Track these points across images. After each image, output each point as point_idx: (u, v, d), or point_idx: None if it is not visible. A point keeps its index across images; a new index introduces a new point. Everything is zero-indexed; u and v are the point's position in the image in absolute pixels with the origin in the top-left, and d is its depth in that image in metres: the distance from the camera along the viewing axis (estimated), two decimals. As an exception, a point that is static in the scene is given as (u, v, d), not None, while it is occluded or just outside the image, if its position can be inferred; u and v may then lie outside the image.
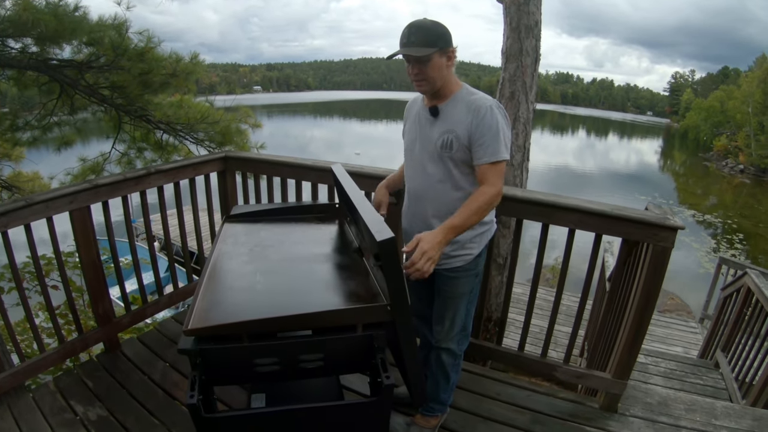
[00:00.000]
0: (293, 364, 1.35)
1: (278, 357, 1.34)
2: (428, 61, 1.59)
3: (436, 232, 1.52)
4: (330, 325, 1.33)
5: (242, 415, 1.38)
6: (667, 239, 1.88)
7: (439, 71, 1.62)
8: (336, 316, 1.31)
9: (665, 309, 10.07)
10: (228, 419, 1.33)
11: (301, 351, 1.35)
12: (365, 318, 1.32)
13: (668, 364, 4.24)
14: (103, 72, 3.83)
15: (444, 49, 1.60)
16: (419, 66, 1.61)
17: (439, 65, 1.61)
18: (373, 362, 1.34)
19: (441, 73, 1.63)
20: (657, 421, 2.20)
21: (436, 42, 1.58)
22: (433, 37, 1.58)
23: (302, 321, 1.28)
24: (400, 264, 1.25)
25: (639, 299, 2.01)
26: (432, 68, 1.61)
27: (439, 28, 1.60)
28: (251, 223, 2.02)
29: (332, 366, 1.41)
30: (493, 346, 2.54)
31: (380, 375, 1.29)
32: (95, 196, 2.58)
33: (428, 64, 1.60)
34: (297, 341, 1.34)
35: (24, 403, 2.36)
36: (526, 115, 3.42)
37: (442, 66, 1.62)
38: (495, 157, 1.59)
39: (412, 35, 1.57)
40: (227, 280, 1.54)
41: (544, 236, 2.24)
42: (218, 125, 4.27)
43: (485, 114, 1.59)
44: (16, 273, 2.42)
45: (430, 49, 1.57)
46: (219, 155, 3.20)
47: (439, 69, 1.62)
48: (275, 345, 1.32)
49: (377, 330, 1.33)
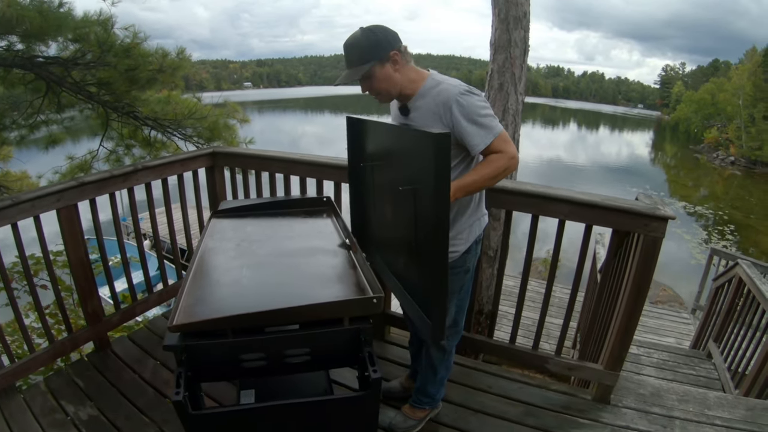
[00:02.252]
0: (280, 359, 1.34)
1: (264, 352, 1.32)
2: (371, 77, 1.57)
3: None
4: (316, 318, 1.32)
5: (228, 412, 1.37)
6: (658, 229, 1.88)
7: (387, 81, 1.59)
8: (322, 309, 1.29)
9: (657, 300, 10.16)
10: (214, 416, 1.32)
11: (287, 346, 1.33)
12: (352, 311, 1.31)
13: (661, 354, 4.28)
14: (90, 69, 3.79)
15: (383, 58, 1.56)
16: (368, 83, 1.59)
17: (385, 75, 1.58)
18: (361, 356, 1.33)
19: (391, 81, 1.59)
20: (650, 412, 2.21)
21: (372, 55, 1.54)
22: (367, 52, 1.54)
23: (287, 315, 1.26)
24: (448, 162, 1.27)
25: (630, 290, 2.01)
26: (378, 81, 1.58)
27: (371, 37, 1.55)
28: (238, 218, 2.01)
29: (320, 360, 1.40)
30: (484, 339, 2.54)
31: (368, 369, 1.28)
32: (82, 194, 2.55)
33: (373, 79, 1.57)
34: (282, 336, 1.32)
35: (15, 405, 2.34)
36: (515, 106, 3.41)
37: (389, 74, 1.58)
38: (491, 136, 1.54)
39: (349, 55, 1.56)
40: (213, 276, 1.53)
41: (534, 228, 2.23)
42: (206, 121, 4.24)
43: (458, 104, 1.54)
44: (4, 273, 2.39)
45: (367, 65, 1.54)
46: (207, 151, 3.16)
47: (386, 79, 1.58)
48: (260, 340, 1.31)
49: (364, 323, 1.32)
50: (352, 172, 2.02)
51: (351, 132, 1.92)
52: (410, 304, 1.60)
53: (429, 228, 1.33)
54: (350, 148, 1.97)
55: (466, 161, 1.67)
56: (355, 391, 1.39)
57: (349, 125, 1.91)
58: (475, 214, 1.78)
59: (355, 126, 1.88)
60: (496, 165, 1.56)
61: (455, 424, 2.13)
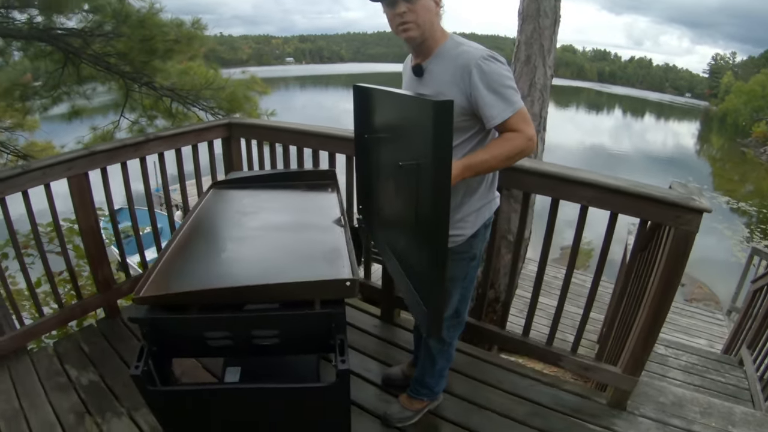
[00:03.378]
0: (246, 339, 1.25)
1: (229, 331, 1.24)
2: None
3: (456, 163, 1.34)
4: (285, 299, 1.22)
5: (185, 391, 1.33)
6: (692, 222, 1.67)
7: (427, 13, 1.41)
8: (289, 289, 1.19)
9: (692, 298, 9.73)
10: (172, 393, 1.26)
11: (253, 326, 1.24)
12: (322, 294, 1.20)
13: (690, 357, 4.02)
14: (109, 40, 3.78)
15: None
16: (408, 5, 1.39)
17: (429, 6, 1.41)
18: (331, 343, 1.22)
19: (430, 15, 1.42)
20: (668, 424, 2.02)
21: None
22: None
23: (252, 293, 1.18)
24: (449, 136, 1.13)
25: (657, 288, 1.81)
26: (422, 8, 1.40)
27: None
28: (238, 189, 1.94)
29: (290, 344, 1.30)
30: (496, 329, 2.40)
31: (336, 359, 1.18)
32: (92, 163, 2.55)
33: (417, 3, 1.39)
34: (247, 316, 1.23)
35: (22, 366, 2.39)
36: (543, 81, 3.15)
37: (431, 9, 1.42)
38: (510, 110, 1.38)
39: None
40: (194, 247, 1.46)
41: (554, 213, 2.04)
42: (224, 92, 4.18)
43: (479, 69, 1.37)
44: (15, 239, 2.42)
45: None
46: (223, 122, 3.12)
47: (428, 10, 1.41)
48: (225, 318, 1.22)
49: (337, 308, 1.21)
50: (358, 146, 1.89)
51: (357, 102, 1.79)
52: (409, 291, 1.48)
53: (427, 209, 1.19)
54: (356, 120, 1.84)
55: (480, 136, 1.51)
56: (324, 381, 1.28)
57: (355, 94, 1.78)
58: (486, 197, 1.62)
59: (361, 95, 1.75)
60: (512, 145, 1.40)
61: (456, 419, 2.01)
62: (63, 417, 2.05)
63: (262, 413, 1.32)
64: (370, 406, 2.06)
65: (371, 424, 1.98)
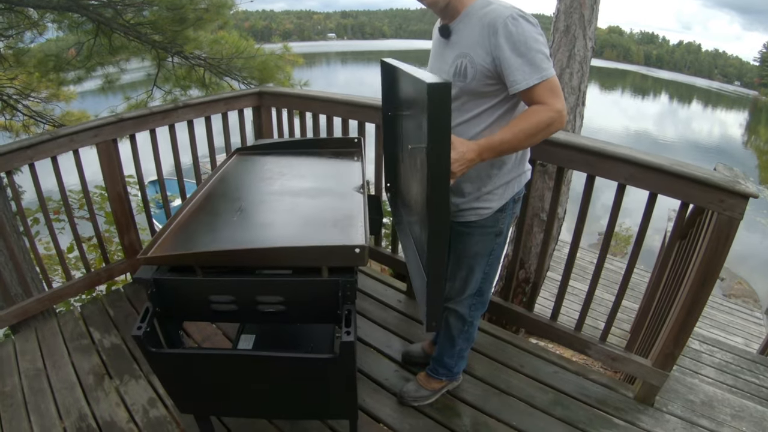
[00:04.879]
0: (251, 305, 1.21)
1: (234, 296, 1.20)
2: None
3: (471, 145, 1.26)
4: (290, 264, 1.17)
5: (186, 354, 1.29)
6: (736, 208, 1.53)
7: None
8: (295, 253, 1.14)
9: (731, 293, 9.35)
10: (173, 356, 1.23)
11: (258, 292, 1.20)
12: (329, 260, 1.14)
13: (724, 355, 3.83)
14: (140, 10, 3.77)
15: None
16: None
17: None
18: (339, 313, 1.17)
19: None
20: (696, 424, 1.89)
21: None
22: None
23: (257, 256, 1.13)
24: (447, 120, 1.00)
25: (695, 278, 1.68)
26: None
27: None
28: (262, 155, 1.91)
29: (297, 313, 1.25)
30: (523, 311, 2.30)
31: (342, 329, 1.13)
32: (121, 130, 2.58)
33: None
34: (252, 280, 1.19)
35: (49, 327, 2.46)
36: (583, 53, 2.95)
37: None
38: (537, 76, 1.25)
39: None
40: (208, 211, 1.43)
41: (589, 190, 1.90)
42: (255, 60, 4.14)
43: (506, 28, 1.26)
44: (44, 205, 2.48)
45: None
46: (254, 90, 3.11)
47: None
48: (229, 281, 1.18)
49: (347, 276, 1.15)
50: (385, 122, 1.82)
51: (383, 77, 1.72)
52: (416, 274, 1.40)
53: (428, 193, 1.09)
54: (383, 97, 1.77)
55: (506, 106, 1.40)
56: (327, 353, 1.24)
57: (382, 70, 1.70)
58: (517, 169, 1.52)
59: (385, 70, 1.67)
60: (537, 119, 1.27)
61: (474, 402, 1.94)
62: (83, 377, 2.10)
63: (266, 381, 1.29)
64: (388, 383, 2.03)
65: (387, 400, 1.94)
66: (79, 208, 3.97)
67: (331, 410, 1.48)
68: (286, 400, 1.35)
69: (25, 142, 2.27)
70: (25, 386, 2.06)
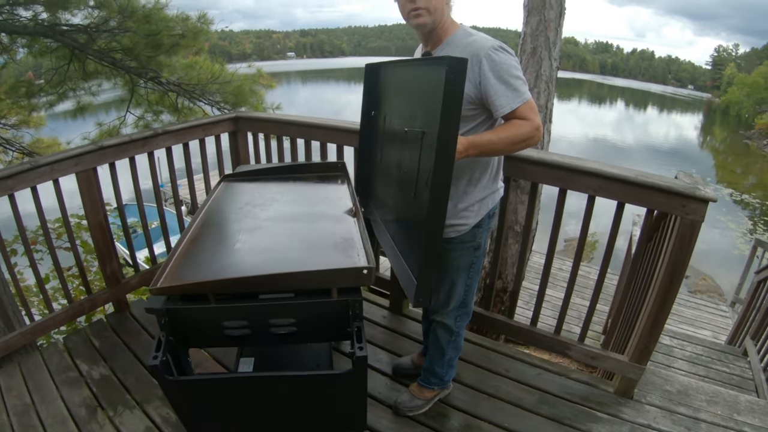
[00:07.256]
0: (264, 328, 1.27)
1: (247, 320, 1.25)
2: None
3: (461, 138, 1.35)
4: (301, 287, 1.23)
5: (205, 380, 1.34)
6: (697, 212, 1.69)
7: (439, 1, 1.43)
8: (306, 278, 1.20)
9: (696, 290, 9.75)
10: (191, 382, 1.28)
11: (271, 315, 1.26)
12: (339, 282, 1.22)
13: (695, 348, 4.04)
14: (114, 36, 3.78)
15: None
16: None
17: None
18: (349, 331, 1.24)
19: (441, 4, 1.44)
20: (675, 412, 2.04)
21: None
22: None
23: (269, 282, 1.19)
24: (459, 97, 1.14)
25: (663, 278, 1.83)
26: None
27: None
28: (248, 182, 1.96)
29: (307, 333, 1.31)
30: (504, 319, 2.41)
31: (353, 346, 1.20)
32: (101, 158, 2.56)
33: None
34: (265, 305, 1.25)
35: (33, 362, 2.41)
36: (549, 72, 3.16)
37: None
38: (519, 100, 1.40)
39: None
40: (209, 238, 1.48)
41: (561, 203, 2.05)
42: (230, 85, 4.19)
43: (490, 59, 1.39)
44: (24, 235, 2.44)
45: None
46: (230, 116, 3.12)
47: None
48: (243, 307, 1.24)
49: (354, 295, 1.23)
50: (363, 124, 1.93)
51: (368, 80, 1.83)
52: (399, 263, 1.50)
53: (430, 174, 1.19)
54: (365, 100, 1.88)
55: (485, 127, 1.52)
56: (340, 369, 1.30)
57: (366, 73, 1.82)
58: (490, 187, 1.64)
59: (372, 72, 1.79)
60: (519, 131, 1.41)
61: (465, 408, 2.03)
62: (74, 411, 2.06)
63: (281, 402, 1.34)
64: (381, 396, 2.09)
65: (382, 413, 2.00)
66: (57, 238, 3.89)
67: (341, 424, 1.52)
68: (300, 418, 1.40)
69: (6, 172, 2.24)
70: (15, 423, 2.01)
